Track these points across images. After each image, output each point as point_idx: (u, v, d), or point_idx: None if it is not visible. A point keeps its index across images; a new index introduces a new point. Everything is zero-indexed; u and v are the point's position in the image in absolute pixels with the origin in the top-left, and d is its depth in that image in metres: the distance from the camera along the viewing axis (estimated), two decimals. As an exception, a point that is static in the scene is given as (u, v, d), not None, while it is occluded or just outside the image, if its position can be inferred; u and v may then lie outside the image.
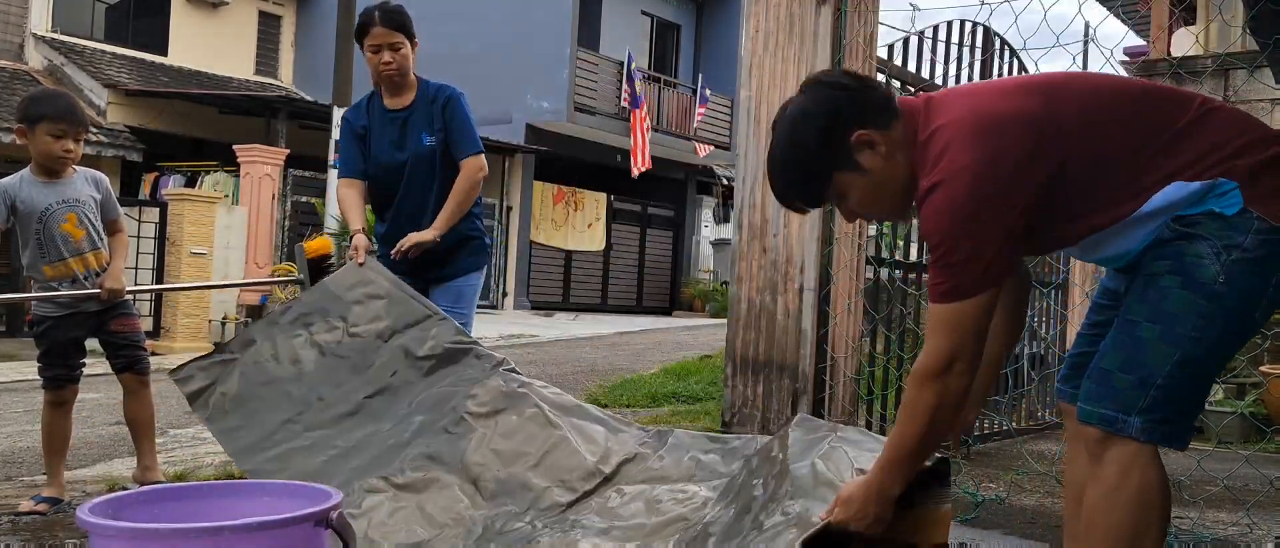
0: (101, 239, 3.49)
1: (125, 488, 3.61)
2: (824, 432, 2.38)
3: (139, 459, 3.58)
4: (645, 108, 17.69)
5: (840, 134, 1.93)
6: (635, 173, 17.61)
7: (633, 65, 18.17)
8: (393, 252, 3.53)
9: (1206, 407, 6.05)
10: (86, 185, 3.48)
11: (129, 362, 3.50)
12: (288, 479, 2.84)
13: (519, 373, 3.20)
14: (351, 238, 3.48)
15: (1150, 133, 1.87)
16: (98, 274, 3.45)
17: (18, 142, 3.43)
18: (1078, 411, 1.96)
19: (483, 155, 3.70)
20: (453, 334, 3.28)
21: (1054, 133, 1.86)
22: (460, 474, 2.85)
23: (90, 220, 3.44)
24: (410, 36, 3.65)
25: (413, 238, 3.50)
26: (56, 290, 3.37)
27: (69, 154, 3.36)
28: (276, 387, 3.17)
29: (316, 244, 3.65)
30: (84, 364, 3.49)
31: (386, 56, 3.60)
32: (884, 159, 1.93)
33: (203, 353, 3.30)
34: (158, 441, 3.73)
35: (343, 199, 3.73)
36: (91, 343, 3.50)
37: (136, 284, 11.96)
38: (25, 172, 3.41)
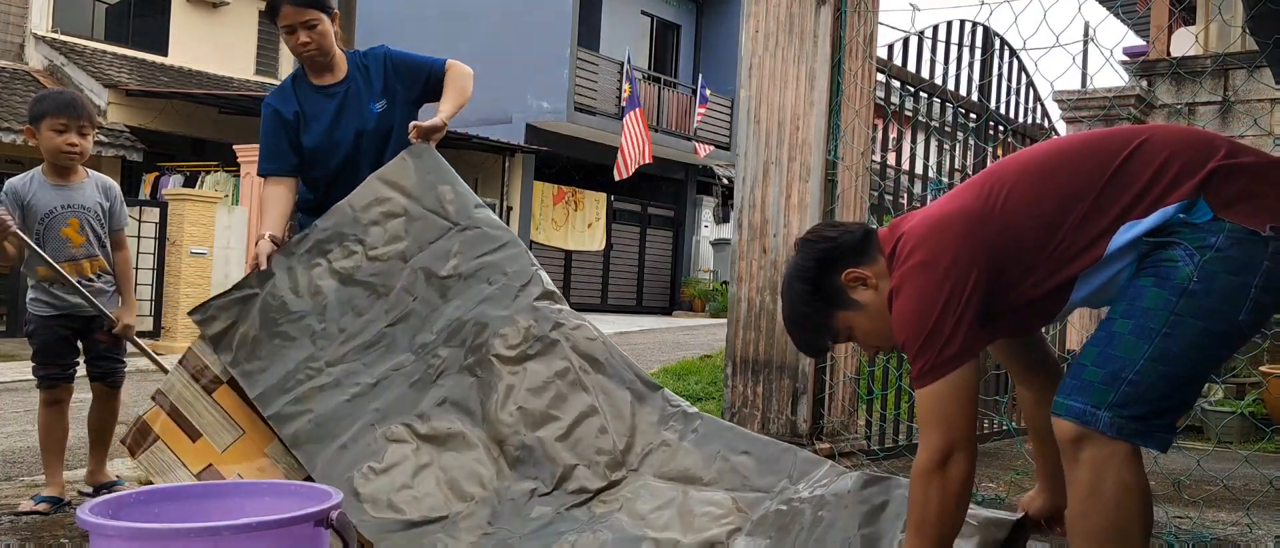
0: (102, 247, 3.50)
1: (123, 487, 3.61)
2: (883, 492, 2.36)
3: (91, 462, 3.60)
4: (640, 113, 17.65)
5: (831, 278, 2.11)
6: (619, 176, 17.55)
7: (629, 67, 18.18)
8: (411, 133, 3.23)
9: (1206, 407, 6.06)
10: (96, 192, 3.48)
11: (105, 373, 3.55)
12: (311, 422, 2.85)
13: (551, 297, 3.07)
14: (258, 240, 3.14)
15: (1087, 184, 1.94)
16: (91, 280, 3.45)
17: (29, 142, 3.44)
18: (1052, 406, 1.98)
19: (446, 61, 3.48)
20: (477, 249, 3.12)
21: (989, 218, 1.97)
22: (486, 431, 2.82)
23: (93, 227, 3.45)
24: (327, 10, 3.30)
25: (420, 125, 3.21)
26: (50, 290, 3.39)
27: (73, 148, 3.35)
28: (298, 321, 3.02)
29: None
30: (77, 363, 3.50)
31: (303, 37, 3.26)
32: (875, 290, 2.09)
33: (222, 291, 3.09)
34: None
35: (269, 200, 3.32)
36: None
37: (136, 285, 11.95)
38: (37, 171, 3.42)
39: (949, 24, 4.88)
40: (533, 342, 2.95)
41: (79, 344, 3.52)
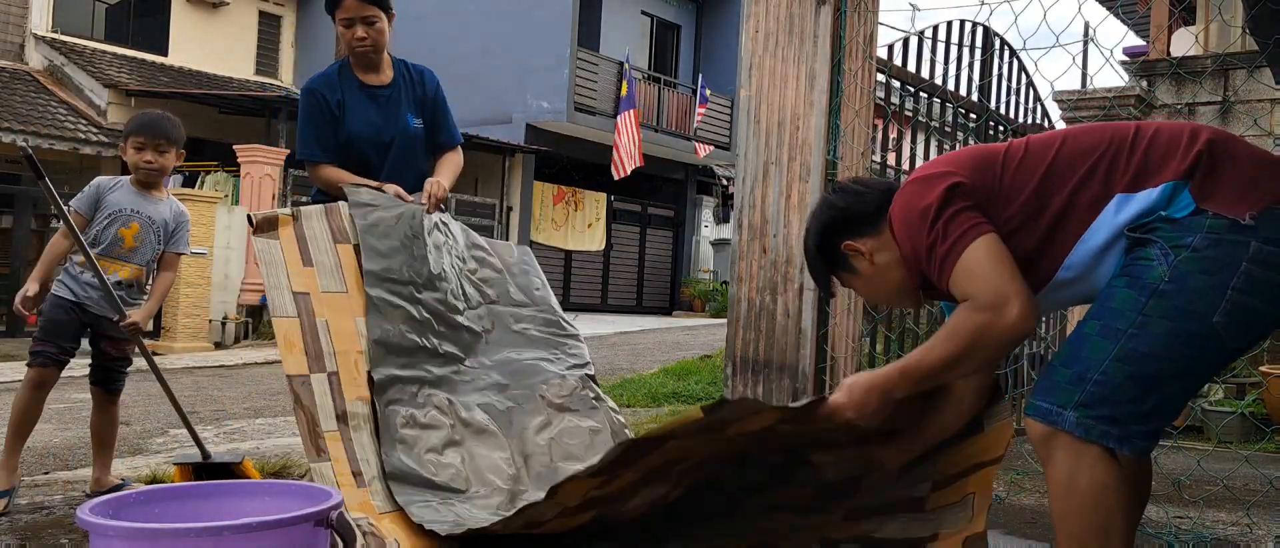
0: (150, 261, 3.63)
1: (122, 487, 3.61)
2: None
3: (96, 468, 3.63)
4: (635, 114, 17.66)
5: (833, 244, 2.21)
6: (617, 175, 17.56)
7: (628, 67, 18.18)
8: (429, 201, 3.38)
9: (1206, 407, 6.05)
10: (170, 212, 3.65)
11: (107, 378, 3.60)
12: (382, 340, 3.01)
13: (597, 386, 3.40)
14: (380, 188, 3.30)
15: (1089, 154, 1.96)
16: (126, 286, 3.54)
17: (122, 157, 3.62)
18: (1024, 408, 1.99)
19: (460, 141, 3.72)
20: (548, 327, 3.50)
21: (992, 161, 2.04)
22: (516, 445, 3.02)
23: (151, 239, 3.60)
24: (387, 10, 3.40)
25: (438, 196, 3.39)
26: (78, 278, 3.48)
27: (150, 165, 3.56)
28: (414, 251, 3.23)
29: None
30: (73, 353, 3.53)
31: (360, 31, 3.34)
32: (871, 262, 2.16)
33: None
34: (157, 441, 3.74)
35: (335, 177, 3.38)
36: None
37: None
38: (125, 178, 3.62)
39: (949, 24, 4.88)
40: (577, 399, 3.26)
41: (84, 343, 3.56)
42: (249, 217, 3.06)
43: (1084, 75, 9.26)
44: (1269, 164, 1.90)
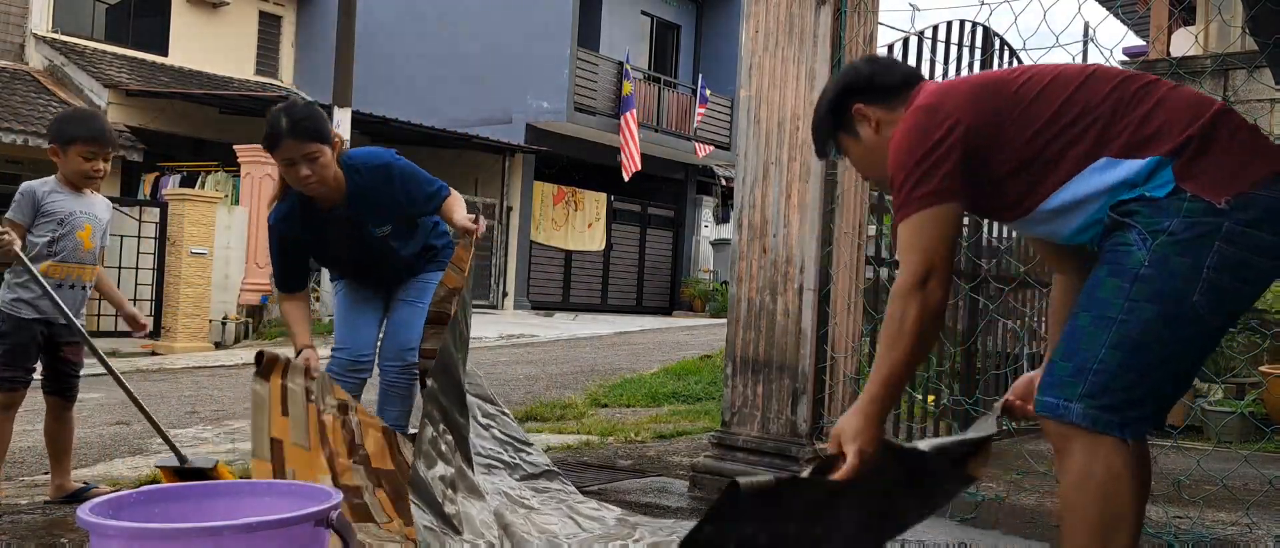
0: (98, 259, 3.62)
1: (119, 488, 3.61)
2: None
3: (56, 476, 3.59)
4: (631, 115, 17.68)
5: (845, 105, 2.25)
6: (627, 175, 17.60)
7: (628, 66, 18.18)
8: (464, 236, 3.40)
9: (1206, 407, 6.05)
10: (103, 208, 3.63)
11: (63, 387, 3.58)
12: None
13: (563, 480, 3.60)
14: (300, 352, 3.27)
15: (1097, 104, 1.97)
16: (87, 287, 3.56)
17: (52, 159, 3.54)
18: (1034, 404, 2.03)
19: (448, 188, 3.59)
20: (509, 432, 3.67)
21: (1004, 89, 2.05)
22: (497, 515, 3.09)
23: (99, 238, 3.59)
24: (328, 141, 3.29)
25: (473, 229, 3.39)
26: (42, 284, 3.35)
27: (98, 174, 3.52)
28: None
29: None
30: (35, 371, 3.51)
31: (304, 171, 3.24)
32: (875, 131, 2.22)
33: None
34: (157, 441, 3.74)
35: (288, 315, 3.50)
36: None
37: (137, 285, 11.97)
38: (52, 179, 3.53)
39: (949, 24, 4.88)
40: (545, 498, 3.40)
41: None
42: (259, 355, 3.11)
43: (1084, 75, 9.22)
44: (1262, 150, 1.92)
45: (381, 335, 3.72)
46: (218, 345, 12.20)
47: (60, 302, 3.34)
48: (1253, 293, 1.91)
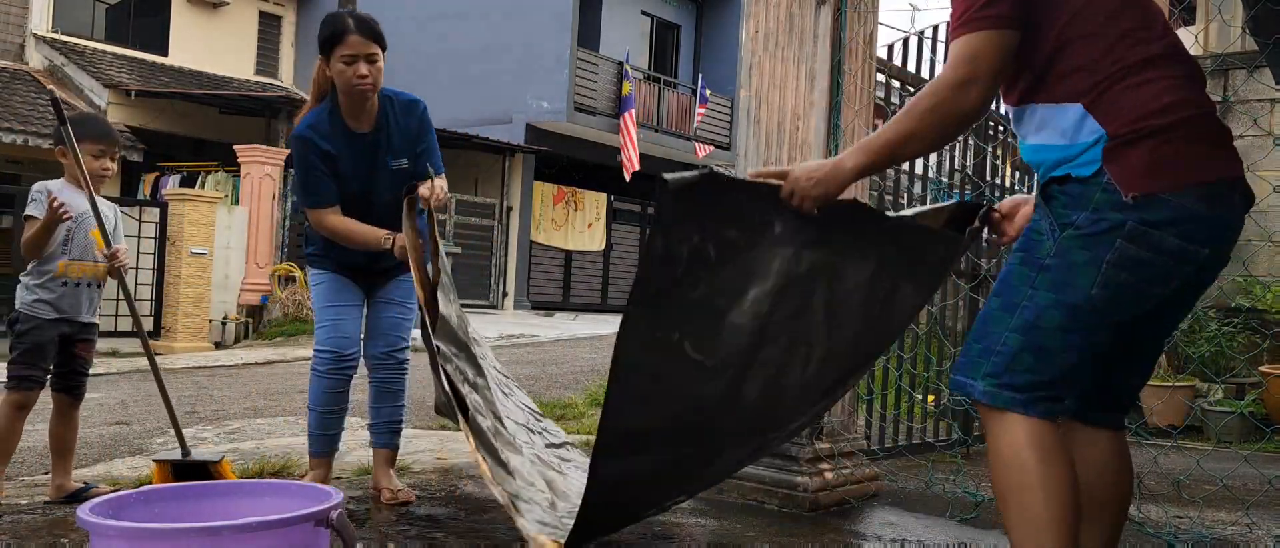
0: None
1: (118, 488, 3.61)
2: None
3: (55, 475, 3.58)
4: (629, 116, 17.69)
5: None
6: (628, 175, 17.60)
7: (628, 66, 18.17)
8: (429, 202, 3.33)
9: (1206, 407, 6.06)
10: (109, 208, 3.63)
11: (73, 385, 3.58)
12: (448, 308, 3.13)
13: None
14: (387, 238, 3.29)
15: (1100, 41, 1.92)
16: (100, 286, 3.63)
17: (60, 159, 3.56)
18: None
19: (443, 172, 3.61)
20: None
21: None
22: (539, 471, 3.17)
23: (107, 236, 3.59)
24: (384, 47, 3.41)
25: (440, 198, 3.37)
26: (63, 285, 3.46)
27: (107, 172, 3.57)
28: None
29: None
30: (50, 371, 3.52)
31: (363, 69, 3.32)
32: None
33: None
34: (158, 441, 3.75)
35: (340, 224, 3.41)
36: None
37: (136, 285, 11.98)
38: (62, 180, 3.55)
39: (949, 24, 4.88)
40: (571, 467, 3.52)
41: None
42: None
43: (1084, 75, 9.22)
44: (1200, 159, 1.88)
45: (367, 337, 3.67)
46: (218, 345, 12.20)
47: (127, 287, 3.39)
48: (1161, 292, 1.93)
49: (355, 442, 4.72)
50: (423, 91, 4.12)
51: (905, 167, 4.80)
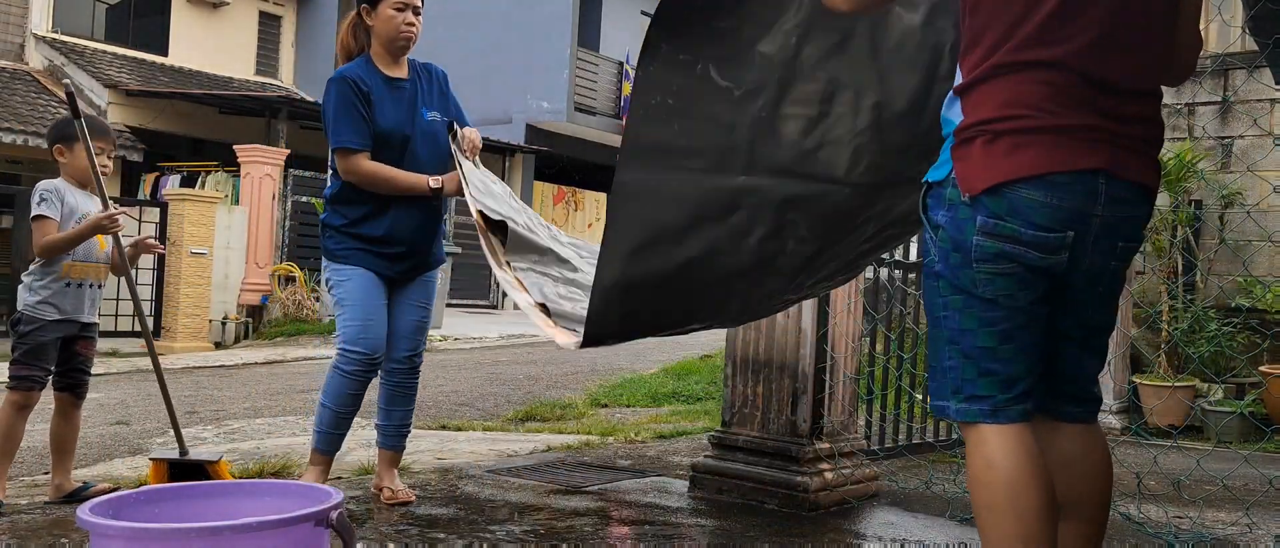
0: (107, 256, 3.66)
1: (118, 487, 3.61)
2: None
3: (56, 475, 3.58)
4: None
5: None
6: None
7: (628, 66, 18.17)
8: (467, 149, 3.49)
9: (1206, 407, 6.06)
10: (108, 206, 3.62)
11: (75, 384, 3.58)
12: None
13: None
14: (434, 180, 3.40)
15: (986, 33, 1.87)
16: (102, 285, 3.64)
17: (58, 159, 3.55)
18: None
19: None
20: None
21: None
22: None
23: (113, 240, 3.60)
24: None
25: (476, 143, 3.54)
26: (67, 286, 3.46)
27: (105, 171, 3.55)
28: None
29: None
30: (52, 371, 3.52)
31: (410, 17, 3.48)
32: None
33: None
34: (158, 440, 3.75)
35: (377, 171, 3.40)
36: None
37: (135, 282, 11.96)
38: (60, 180, 3.55)
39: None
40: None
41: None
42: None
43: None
44: (1035, 151, 1.82)
45: (388, 339, 3.61)
46: (218, 345, 12.20)
47: (133, 282, 3.37)
48: (1042, 280, 1.89)
49: (355, 442, 4.72)
50: (423, 91, 4.14)
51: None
